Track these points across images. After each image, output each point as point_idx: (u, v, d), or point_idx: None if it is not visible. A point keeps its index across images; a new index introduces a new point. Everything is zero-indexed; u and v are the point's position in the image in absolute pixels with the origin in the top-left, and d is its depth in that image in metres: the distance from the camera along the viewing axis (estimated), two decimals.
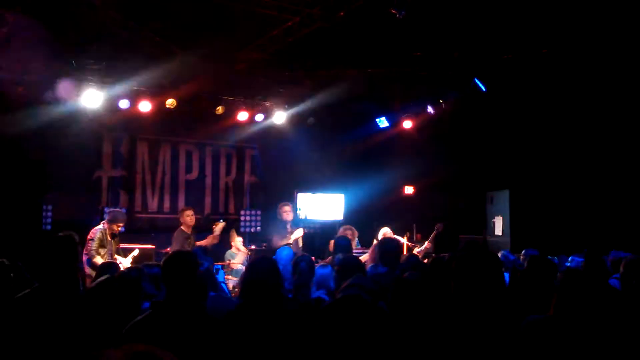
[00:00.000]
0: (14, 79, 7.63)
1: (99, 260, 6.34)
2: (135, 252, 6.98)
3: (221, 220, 8.13)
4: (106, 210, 7.59)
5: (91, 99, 8.13)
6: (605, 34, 6.37)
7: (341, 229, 7.22)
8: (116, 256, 6.70)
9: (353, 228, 7.38)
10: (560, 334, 2.73)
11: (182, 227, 7.57)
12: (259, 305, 2.92)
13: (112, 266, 4.77)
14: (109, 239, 6.63)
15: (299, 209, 9.43)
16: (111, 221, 6.71)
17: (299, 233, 7.71)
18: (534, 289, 3.69)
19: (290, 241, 7.47)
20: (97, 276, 4.22)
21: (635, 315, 3.31)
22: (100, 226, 6.66)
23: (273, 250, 6.19)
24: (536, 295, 3.57)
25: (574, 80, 7.80)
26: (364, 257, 6.15)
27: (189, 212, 7.63)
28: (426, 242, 8.09)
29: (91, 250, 6.45)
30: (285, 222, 7.77)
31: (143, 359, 1.07)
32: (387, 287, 3.12)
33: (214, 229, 7.77)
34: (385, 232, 7.98)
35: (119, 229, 6.78)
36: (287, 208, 7.88)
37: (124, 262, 6.57)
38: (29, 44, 6.38)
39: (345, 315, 2.20)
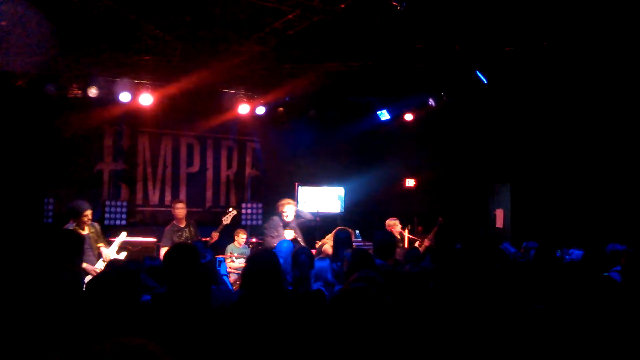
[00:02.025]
0: (15, 72, 7.62)
1: None
2: (123, 236, 6.65)
3: (230, 209, 8.08)
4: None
5: (92, 92, 8.13)
6: (606, 26, 6.33)
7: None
8: (101, 248, 6.38)
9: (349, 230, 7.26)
10: (561, 325, 2.73)
11: (174, 221, 7.57)
12: (260, 296, 2.93)
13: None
14: (82, 232, 6.10)
15: (300, 202, 9.43)
16: (74, 215, 6.23)
17: (289, 235, 7.20)
18: (538, 280, 3.69)
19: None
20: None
21: (636, 308, 3.31)
22: (70, 224, 6.21)
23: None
24: (540, 286, 3.58)
25: (576, 74, 7.76)
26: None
27: (179, 205, 7.58)
28: (428, 235, 8.07)
29: None
30: (285, 223, 7.37)
31: (131, 353, 1.05)
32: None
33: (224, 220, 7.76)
34: (388, 223, 7.95)
35: (89, 220, 6.30)
36: (288, 208, 7.36)
37: (108, 252, 6.35)
38: (30, 37, 6.36)
39: (353, 307, 2.21)
